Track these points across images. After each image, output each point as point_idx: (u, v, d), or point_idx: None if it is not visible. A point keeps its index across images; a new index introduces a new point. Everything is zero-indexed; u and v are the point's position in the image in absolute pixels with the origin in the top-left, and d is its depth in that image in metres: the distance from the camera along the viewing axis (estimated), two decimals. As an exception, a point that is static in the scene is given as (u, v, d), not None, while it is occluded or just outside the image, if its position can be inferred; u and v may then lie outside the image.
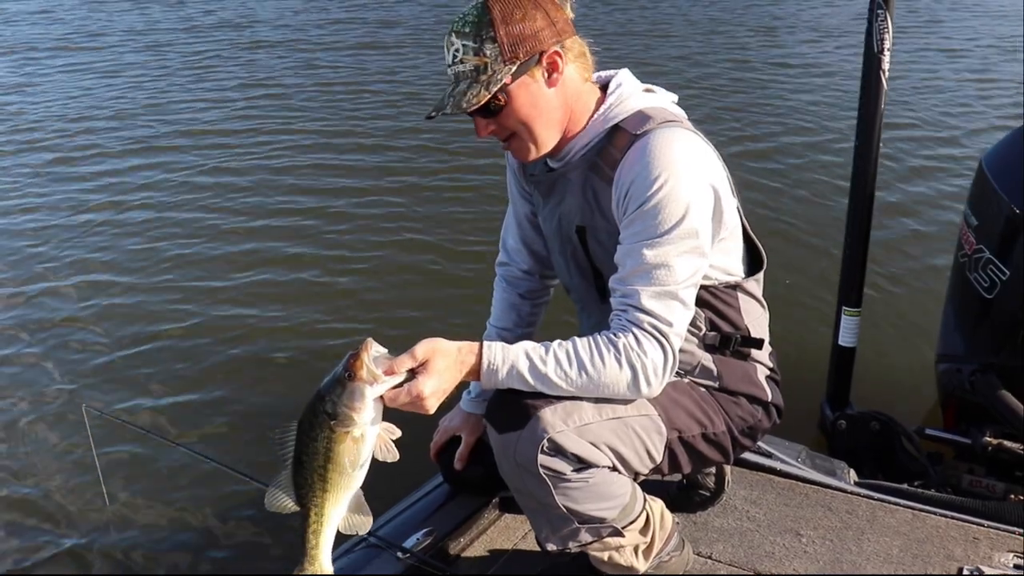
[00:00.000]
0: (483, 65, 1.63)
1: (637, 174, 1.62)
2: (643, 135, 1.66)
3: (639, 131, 1.67)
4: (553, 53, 1.67)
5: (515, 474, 1.70)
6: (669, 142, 1.64)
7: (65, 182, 6.38)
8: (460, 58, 1.64)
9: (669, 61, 9.59)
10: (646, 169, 1.61)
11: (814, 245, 5.05)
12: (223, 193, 6.10)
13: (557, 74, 1.68)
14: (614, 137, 1.71)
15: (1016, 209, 2.61)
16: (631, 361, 1.60)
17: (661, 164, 1.61)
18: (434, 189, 6.05)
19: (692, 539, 2.16)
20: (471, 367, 1.59)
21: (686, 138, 1.67)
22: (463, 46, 1.63)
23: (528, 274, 2.14)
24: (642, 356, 1.60)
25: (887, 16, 2.65)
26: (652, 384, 1.63)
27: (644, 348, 1.61)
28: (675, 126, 1.68)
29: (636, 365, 1.61)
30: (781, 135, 7.08)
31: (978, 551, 2.13)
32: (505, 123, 1.70)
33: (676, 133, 1.66)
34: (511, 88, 1.66)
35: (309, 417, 1.42)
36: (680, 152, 1.63)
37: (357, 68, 9.60)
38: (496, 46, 1.62)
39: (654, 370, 1.62)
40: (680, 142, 1.65)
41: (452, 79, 1.68)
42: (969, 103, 7.93)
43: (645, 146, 1.64)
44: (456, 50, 1.65)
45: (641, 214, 1.62)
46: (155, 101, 8.40)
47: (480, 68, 1.63)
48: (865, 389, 3.18)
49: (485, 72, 1.64)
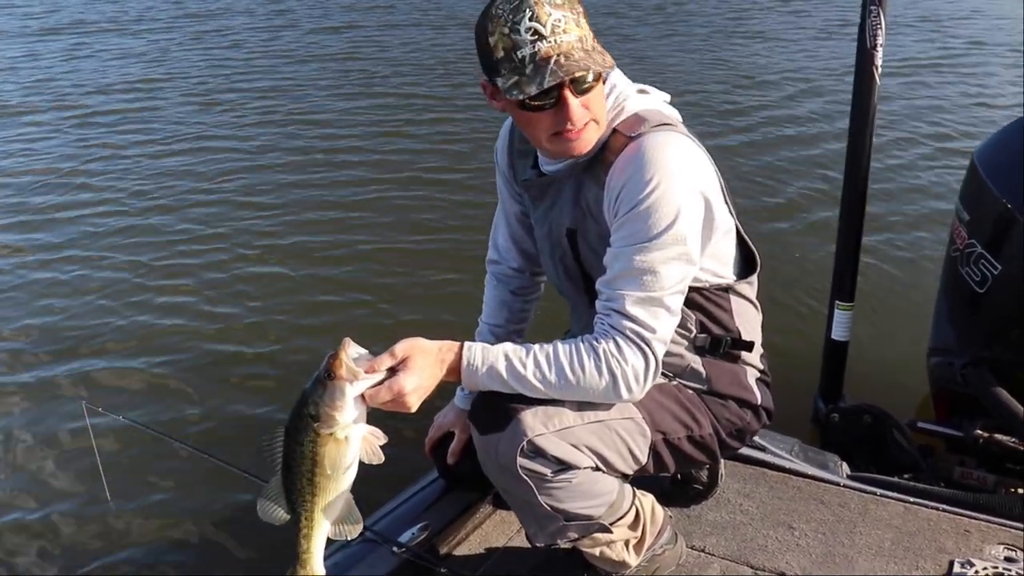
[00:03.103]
0: (587, 36, 1.57)
1: (629, 177, 1.62)
2: (637, 138, 1.65)
3: (633, 134, 1.66)
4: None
5: (498, 474, 1.71)
6: (662, 146, 1.63)
7: (67, 182, 6.37)
8: (564, 27, 1.54)
9: (659, 56, 9.59)
10: (638, 173, 1.60)
11: (807, 239, 5.07)
12: (224, 191, 6.10)
13: None
14: (610, 140, 1.70)
15: (1008, 204, 2.62)
16: (611, 368, 1.60)
17: (653, 168, 1.60)
18: (414, 193, 6.04)
19: (685, 532, 2.18)
20: (452, 365, 1.59)
21: (679, 142, 1.66)
22: (563, 16, 1.55)
23: (518, 272, 2.15)
24: (622, 363, 1.60)
25: (880, 12, 2.66)
26: (633, 390, 1.63)
27: (625, 355, 1.60)
28: (669, 130, 1.68)
29: (616, 372, 1.60)
30: (773, 129, 7.08)
31: (969, 543, 2.15)
32: (592, 102, 1.62)
33: (669, 137, 1.66)
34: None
35: (294, 421, 1.43)
36: (672, 157, 1.62)
37: (338, 66, 9.60)
38: (586, 20, 1.59)
39: (635, 377, 1.62)
40: (673, 146, 1.64)
41: (555, 50, 1.53)
42: (961, 98, 7.94)
43: (638, 149, 1.63)
44: (556, 20, 1.53)
45: (631, 217, 1.61)
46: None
47: (584, 39, 1.56)
48: (857, 382, 3.20)
49: (588, 43, 1.56)
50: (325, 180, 6.20)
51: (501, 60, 1.57)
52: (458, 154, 6.62)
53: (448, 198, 5.80)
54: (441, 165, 6.43)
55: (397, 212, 5.63)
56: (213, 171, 6.47)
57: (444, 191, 5.93)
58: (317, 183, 6.17)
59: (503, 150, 2.02)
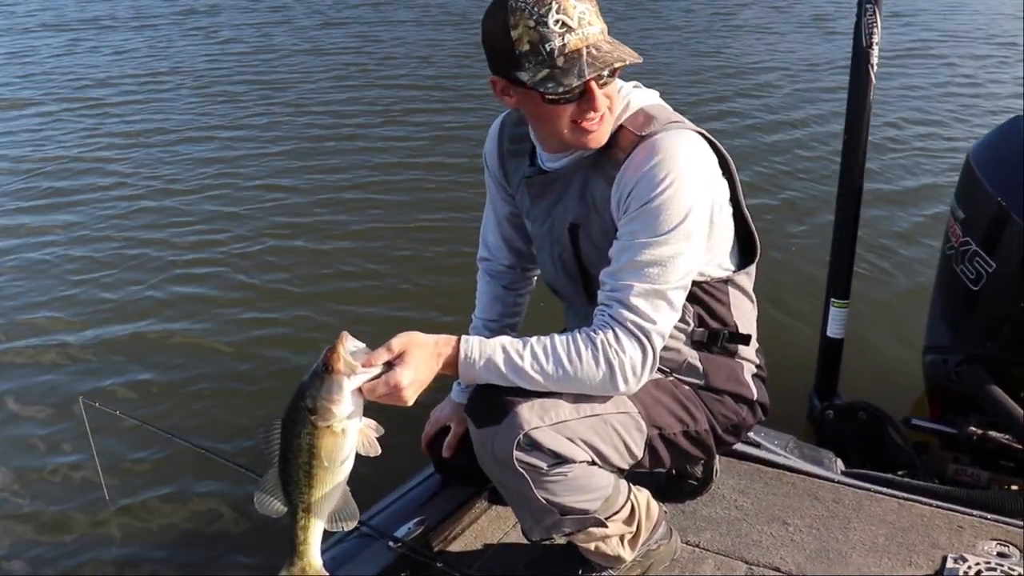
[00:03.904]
0: (605, 28, 1.60)
1: (643, 174, 1.62)
2: (649, 136, 1.66)
3: (645, 132, 1.67)
4: None
5: (494, 467, 1.72)
6: (676, 144, 1.64)
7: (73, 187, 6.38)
8: (589, 19, 1.57)
9: (656, 54, 9.59)
10: (653, 170, 1.61)
11: (803, 237, 5.08)
12: (224, 188, 6.10)
13: None
14: (616, 137, 1.70)
15: (1002, 202, 2.63)
16: (608, 358, 1.61)
17: (668, 166, 1.61)
18: (413, 184, 6.06)
19: (680, 528, 2.19)
20: (448, 359, 1.60)
21: (693, 140, 1.68)
22: (587, 9, 1.57)
23: (510, 268, 2.16)
24: (620, 354, 1.61)
25: (876, 11, 2.66)
26: (630, 382, 1.64)
27: (623, 346, 1.61)
28: (681, 127, 1.69)
29: (613, 362, 1.61)
30: (769, 126, 7.10)
31: (962, 539, 2.16)
32: (611, 93, 1.65)
33: (683, 135, 1.67)
34: None
35: (291, 414, 1.44)
36: (687, 155, 1.64)
37: (341, 61, 9.59)
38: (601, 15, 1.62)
39: (632, 368, 1.62)
40: (687, 144, 1.66)
41: (584, 42, 1.55)
42: (957, 96, 7.96)
43: (653, 147, 1.64)
44: (582, 12, 1.56)
45: (643, 212, 1.62)
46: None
47: (604, 31, 1.60)
48: (853, 380, 3.21)
49: (608, 35, 1.59)
50: (327, 180, 6.20)
51: (526, 53, 1.56)
52: (455, 152, 6.63)
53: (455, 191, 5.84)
54: (453, 152, 6.46)
55: (398, 209, 5.64)
56: (215, 170, 6.47)
57: (450, 182, 5.96)
58: (320, 180, 6.17)
59: (493, 153, 2.02)
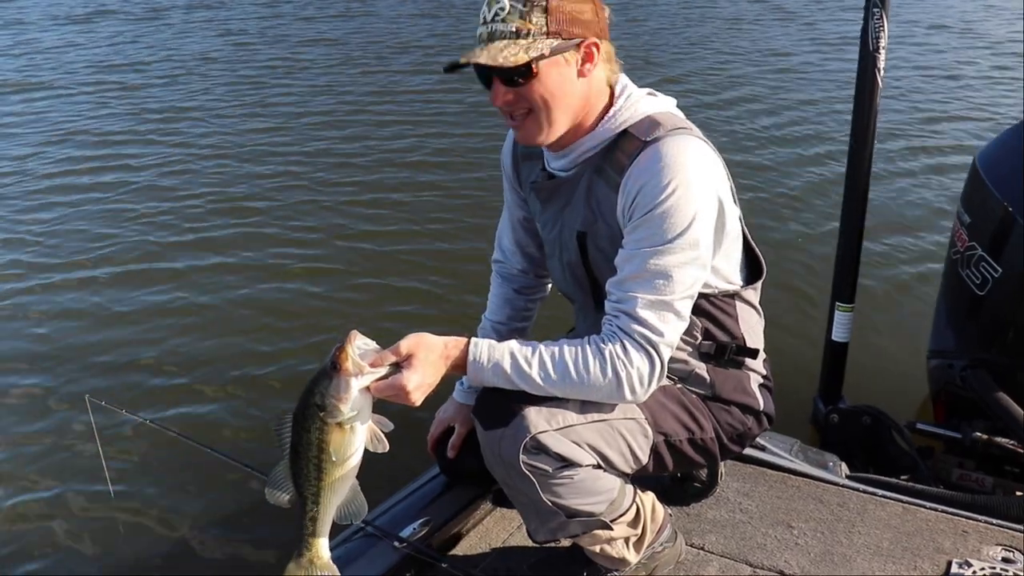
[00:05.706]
0: (526, 30, 1.60)
1: (647, 181, 1.62)
2: (654, 142, 1.66)
3: (649, 137, 1.67)
4: (592, 44, 1.66)
5: (501, 469, 1.73)
6: (680, 150, 1.64)
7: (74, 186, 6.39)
8: (503, 16, 1.61)
9: (660, 56, 9.59)
10: (657, 176, 1.61)
11: (808, 242, 5.08)
12: (225, 183, 6.12)
13: (590, 65, 1.67)
14: (622, 142, 1.70)
15: (1009, 207, 2.63)
16: (616, 370, 1.62)
17: (672, 172, 1.61)
18: (430, 184, 6.08)
19: (685, 530, 2.19)
20: (456, 361, 1.61)
21: (697, 147, 1.67)
22: (511, 6, 1.60)
23: (522, 272, 2.16)
24: (627, 365, 1.62)
25: (883, 15, 2.66)
26: (637, 393, 1.65)
27: (631, 358, 1.62)
28: (686, 133, 1.68)
29: (621, 374, 1.62)
30: (775, 131, 7.10)
31: (967, 544, 2.16)
32: (528, 96, 1.65)
33: (687, 141, 1.66)
34: (544, 63, 1.62)
35: (302, 409, 1.47)
36: (691, 161, 1.63)
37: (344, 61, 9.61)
38: (544, 17, 1.61)
39: (639, 380, 1.63)
40: (690, 151, 1.65)
41: (485, 36, 1.63)
42: (963, 101, 7.94)
43: (656, 153, 1.64)
44: (501, 7, 1.60)
45: (647, 220, 1.62)
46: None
47: (521, 32, 1.60)
48: (857, 384, 3.21)
49: (525, 37, 1.60)
50: (330, 178, 6.23)
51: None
52: (474, 148, 6.66)
53: (465, 193, 5.86)
54: (457, 162, 6.48)
55: (396, 210, 5.66)
56: (216, 169, 6.50)
57: (460, 187, 5.99)
58: (325, 180, 6.20)
59: (508, 154, 2.03)
